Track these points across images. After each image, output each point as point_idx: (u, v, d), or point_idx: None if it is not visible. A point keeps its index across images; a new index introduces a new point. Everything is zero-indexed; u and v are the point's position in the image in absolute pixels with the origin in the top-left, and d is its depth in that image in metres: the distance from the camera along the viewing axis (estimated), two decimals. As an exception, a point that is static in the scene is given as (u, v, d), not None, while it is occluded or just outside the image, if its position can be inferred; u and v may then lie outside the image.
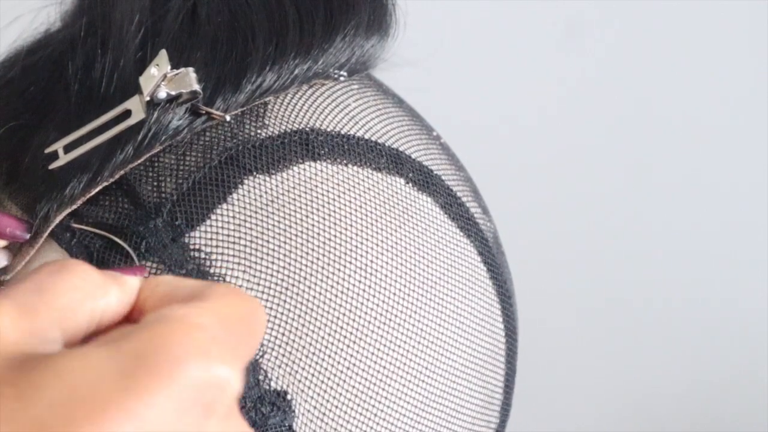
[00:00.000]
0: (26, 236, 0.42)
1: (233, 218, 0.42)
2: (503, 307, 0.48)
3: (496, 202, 0.52)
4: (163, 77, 0.41)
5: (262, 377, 0.41)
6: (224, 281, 0.41)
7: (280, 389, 0.41)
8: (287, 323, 0.41)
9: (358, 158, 0.44)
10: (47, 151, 0.42)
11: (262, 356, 0.41)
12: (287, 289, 0.41)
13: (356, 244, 0.42)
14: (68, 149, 0.41)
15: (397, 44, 0.48)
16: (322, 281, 0.41)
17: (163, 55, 0.41)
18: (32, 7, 0.48)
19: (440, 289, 0.44)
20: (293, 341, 0.41)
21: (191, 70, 0.42)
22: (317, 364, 0.41)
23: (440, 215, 0.45)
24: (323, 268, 0.42)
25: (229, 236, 0.41)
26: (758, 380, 1.13)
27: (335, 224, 0.42)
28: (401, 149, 0.46)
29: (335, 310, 0.41)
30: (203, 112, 0.42)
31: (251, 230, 0.42)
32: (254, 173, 0.42)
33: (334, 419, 0.41)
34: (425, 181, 0.46)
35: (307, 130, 0.44)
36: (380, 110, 0.47)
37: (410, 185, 0.45)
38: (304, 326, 0.41)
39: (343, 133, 0.44)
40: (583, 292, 1.12)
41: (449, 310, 0.44)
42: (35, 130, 0.43)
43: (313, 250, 0.42)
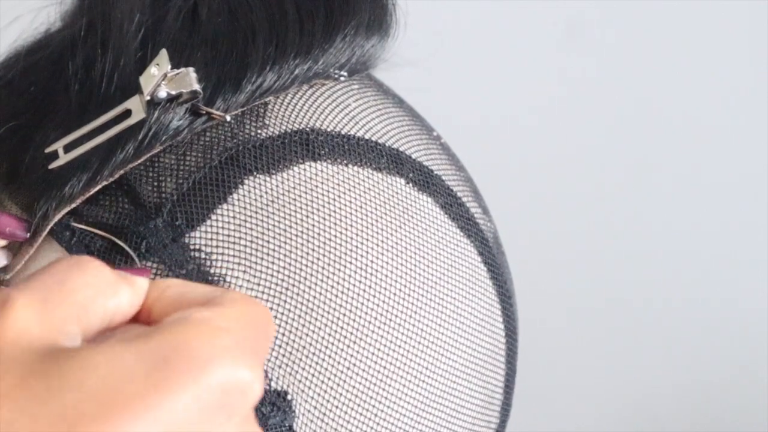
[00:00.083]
0: (26, 235, 0.41)
1: (233, 218, 0.42)
2: (503, 307, 0.48)
3: (496, 202, 0.52)
4: (163, 77, 0.41)
5: (262, 377, 0.41)
6: (224, 281, 0.41)
7: (280, 389, 0.41)
8: (287, 323, 0.41)
9: (358, 158, 0.44)
10: (47, 150, 0.42)
11: (262, 356, 0.41)
12: (287, 289, 0.41)
13: (356, 244, 0.42)
14: (68, 149, 0.41)
15: (397, 44, 0.48)
16: (322, 281, 0.41)
17: (163, 54, 0.41)
18: (32, 7, 0.48)
19: (440, 289, 0.44)
20: (293, 341, 0.41)
21: (191, 69, 0.42)
22: (317, 364, 0.41)
23: (440, 215, 0.45)
24: (323, 268, 0.42)
25: (229, 236, 0.41)
26: (758, 380, 1.13)
27: (335, 224, 0.42)
28: (401, 149, 0.46)
29: (335, 310, 0.41)
30: (203, 112, 0.42)
31: (251, 230, 0.42)
32: (254, 173, 0.42)
33: (334, 419, 0.41)
34: (425, 181, 0.46)
35: (307, 130, 0.44)
36: (380, 110, 0.47)
37: (410, 185, 0.45)
38: (304, 326, 0.41)
39: (343, 133, 0.44)
40: (583, 292, 1.12)
41: (449, 310, 0.44)
42: (35, 129, 0.43)
43: (313, 250, 0.42)
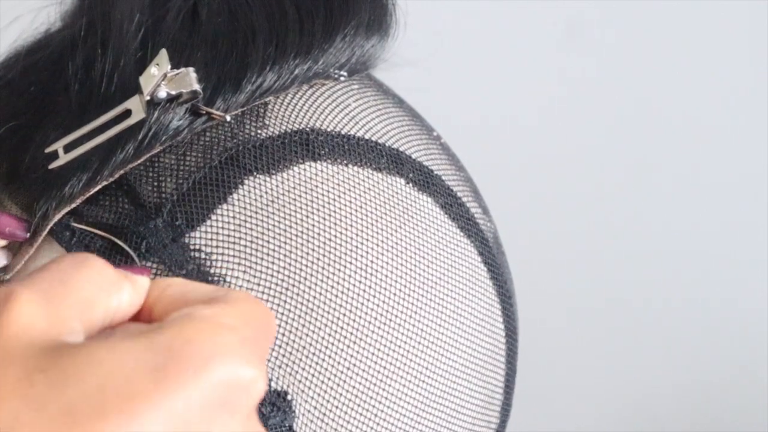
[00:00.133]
0: (25, 235, 0.41)
1: (233, 218, 0.42)
2: (503, 307, 0.48)
3: (496, 202, 0.52)
4: (163, 77, 0.41)
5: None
6: (224, 281, 0.41)
7: (280, 389, 0.41)
8: (288, 323, 0.41)
9: (358, 158, 0.44)
10: (47, 150, 0.42)
11: (262, 356, 0.41)
12: (287, 289, 0.41)
13: (357, 244, 0.42)
14: (68, 149, 0.41)
15: (397, 44, 0.48)
16: (322, 281, 0.41)
17: (163, 54, 0.41)
18: (32, 7, 0.48)
19: (440, 289, 0.44)
20: (293, 341, 0.41)
21: (191, 69, 0.42)
22: (317, 364, 0.41)
23: (440, 215, 0.45)
24: (323, 268, 0.42)
25: (229, 236, 0.41)
26: (758, 380, 1.13)
27: (336, 224, 0.42)
28: (401, 149, 0.46)
29: (335, 310, 0.41)
30: (203, 112, 0.42)
31: (251, 230, 0.42)
32: (254, 173, 0.42)
33: (334, 419, 0.41)
34: (425, 181, 0.46)
35: (307, 130, 0.44)
36: (380, 110, 0.47)
37: (410, 185, 0.45)
38: (304, 326, 0.41)
39: (343, 133, 0.44)
40: (583, 292, 1.12)
41: (449, 310, 0.44)
42: (35, 129, 0.43)
43: (313, 250, 0.42)
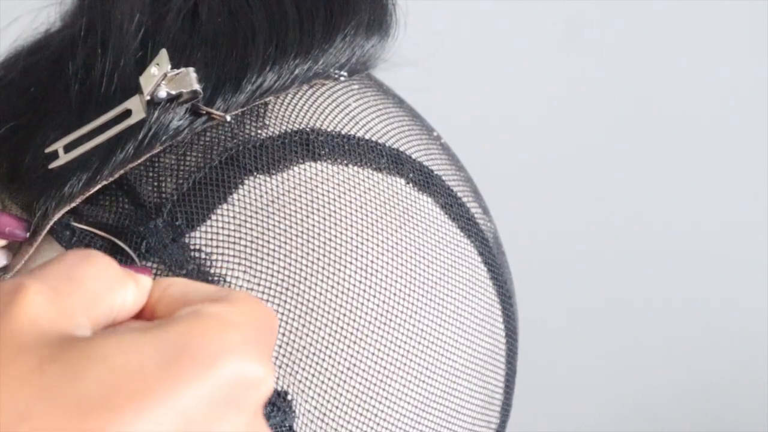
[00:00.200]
0: (25, 235, 0.42)
1: (234, 218, 0.42)
2: (503, 307, 0.48)
3: (496, 202, 0.52)
4: (163, 76, 0.41)
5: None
6: (224, 281, 0.41)
7: (280, 389, 0.41)
8: (288, 323, 0.41)
9: (358, 158, 0.44)
10: (47, 150, 0.42)
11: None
12: (288, 289, 0.41)
13: (357, 244, 0.42)
14: (68, 149, 0.41)
15: (397, 44, 0.48)
16: (322, 281, 0.41)
17: (163, 54, 0.41)
18: (32, 7, 0.48)
19: (440, 289, 0.44)
20: (294, 341, 0.41)
21: (191, 69, 0.42)
22: (318, 364, 0.41)
23: (441, 215, 0.45)
24: (324, 268, 0.42)
25: (229, 236, 0.41)
26: (758, 380, 1.13)
27: (336, 224, 0.42)
28: (402, 149, 0.46)
29: (336, 310, 0.41)
30: (204, 112, 0.42)
31: (252, 230, 0.42)
32: (255, 173, 0.42)
33: (334, 419, 0.41)
34: (426, 181, 0.46)
35: (307, 130, 0.44)
36: (381, 110, 0.47)
37: (411, 185, 0.45)
38: (304, 326, 0.41)
39: (343, 133, 0.44)
40: (583, 292, 1.12)
41: (449, 310, 0.44)
42: (35, 129, 0.43)
43: (313, 250, 0.42)
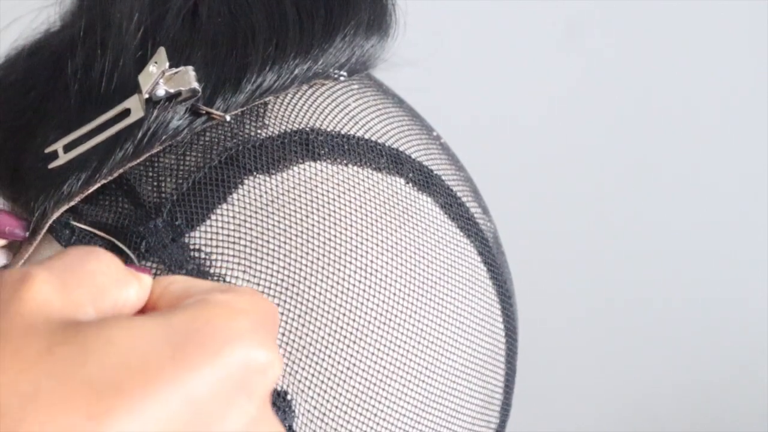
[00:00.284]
0: (24, 234, 0.42)
1: (233, 218, 0.42)
2: (503, 307, 0.48)
3: (496, 202, 0.52)
4: (161, 74, 0.41)
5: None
6: (224, 281, 0.41)
7: (279, 389, 0.41)
8: (287, 323, 0.41)
9: (358, 158, 0.44)
10: (47, 150, 0.42)
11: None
12: (287, 289, 0.41)
13: (356, 244, 0.42)
14: (68, 148, 0.41)
15: (397, 44, 0.48)
16: (322, 281, 0.41)
17: (161, 52, 0.41)
18: (32, 7, 0.48)
19: (440, 289, 0.44)
20: (293, 341, 0.41)
21: (190, 68, 0.42)
22: (317, 364, 0.41)
23: (440, 215, 0.45)
24: (323, 268, 0.42)
25: (229, 236, 0.41)
26: (758, 380, 1.13)
27: (335, 224, 0.42)
28: (401, 149, 0.46)
29: (335, 310, 0.41)
30: (203, 112, 0.42)
31: (251, 230, 0.42)
32: (254, 173, 0.42)
33: (334, 419, 0.41)
34: (425, 181, 0.46)
35: (307, 130, 0.44)
36: (380, 110, 0.47)
37: (410, 185, 0.45)
38: (304, 326, 0.41)
39: (343, 133, 0.44)
40: (583, 292, 1.12)
41: (449, 310, 0.44)
42: (35, 129, 0.43)
43: (313, 250, 0.42)
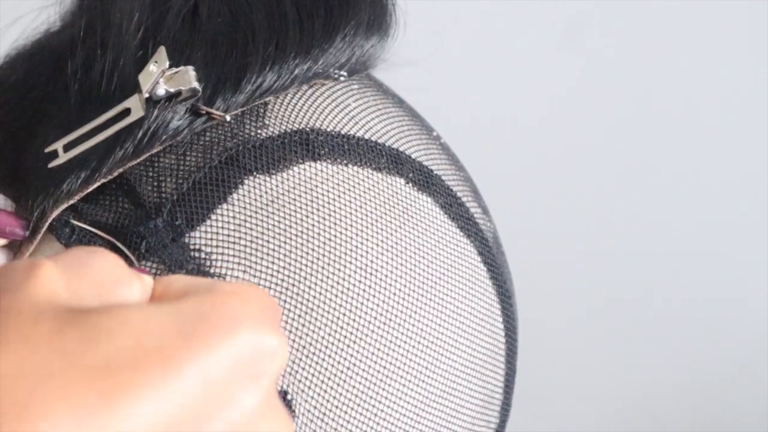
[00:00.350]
0: (24, 234, 0.42)
1: (233, 218, 0.42)
2: (503, 307, 0.48)
3: (496, 202, 0.52)
4: (161, 74, 0.41)
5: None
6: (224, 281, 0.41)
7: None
8: (287, 323, 0.41)
9: (358, 158, 0.44)
10: (47, 150, 0.42)
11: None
12: (287, 289, 0.41)
13: (356, 244, 0.42)
14: (68, 148, 0.41)
15: (397, 44, 0.48)
16: (322, 281, 0.41)
17: (161, 51, 0.41)
18: (32, 7, 0.48)
19: (440, 289, 0.44)
20: (293, 341, 0.41)
21: (191, 68, 0.42)
22: (317, 364, 0.41)
23: (440, 215, 0.45)
24: (323, 268, 0.42)
25: (229, 236, 0.41)
26: (758, 380, 1.13)
27: (335, 224, 0.42)
28: (401, 149, 0.46)
29: (335, 310, 0.41)
30: (203, 112, 0.42)
31: (251, 230, 0.42)
32: (254, 173, 0.42)
33: (334, 419, 0.41)
34: (425, 181, 0.46)
35: (307, 130, 0.44)
36: (380, 110, 0.47)
37: (410, 185, 0.45)
38: (304, 326, 0.41)
39: (343, 133, 0.44)
40: (583, 292, 1.12)
41: (449, 310, 0.44)
42: (36, 129, 0.43)
43: (313, 250, 0.42)
